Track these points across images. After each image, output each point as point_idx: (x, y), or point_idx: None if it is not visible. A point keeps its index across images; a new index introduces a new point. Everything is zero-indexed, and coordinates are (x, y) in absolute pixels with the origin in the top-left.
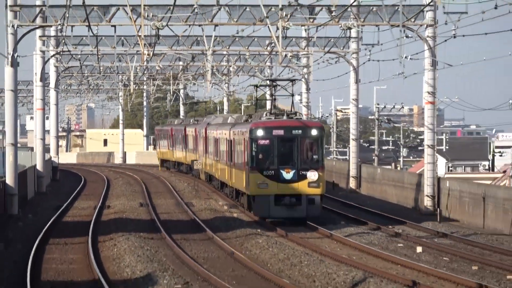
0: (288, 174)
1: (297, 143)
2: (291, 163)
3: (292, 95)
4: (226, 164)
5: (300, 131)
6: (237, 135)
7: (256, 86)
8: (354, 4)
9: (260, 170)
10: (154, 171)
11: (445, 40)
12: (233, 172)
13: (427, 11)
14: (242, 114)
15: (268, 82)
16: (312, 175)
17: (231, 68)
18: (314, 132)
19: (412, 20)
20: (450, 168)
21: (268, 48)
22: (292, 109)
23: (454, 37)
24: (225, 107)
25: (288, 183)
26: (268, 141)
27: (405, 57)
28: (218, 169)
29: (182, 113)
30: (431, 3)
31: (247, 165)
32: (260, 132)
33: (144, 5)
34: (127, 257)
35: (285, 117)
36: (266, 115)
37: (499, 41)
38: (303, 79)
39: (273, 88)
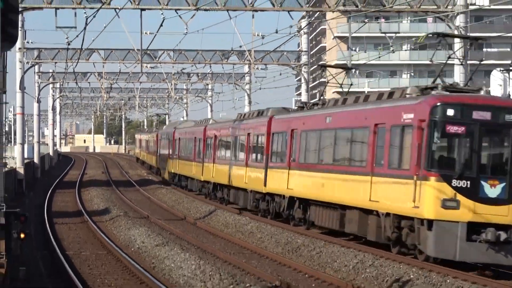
0: (493, 190)
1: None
2: (500, 171)
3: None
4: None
5: None
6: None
7: (442, 35)
8: (210, 72)
9: (446, 178)
10: (109, 156)
11: (255, 91)
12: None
13: (246, 76)
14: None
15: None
16: None
17: (148, 104)
18: None
19: (239, 80)
20: None
21: (167, 94)
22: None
23: (260, 89)
24: (145, 125)
25: (493, 204)
26: (463, 128)
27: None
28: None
29: (123, 127)
30: (248, 72)
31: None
32: (450, 112)
33: (105, 72)
34: (95, 199)
35: (483, 92)
36: (437, 88)
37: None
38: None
39: (446, 44)
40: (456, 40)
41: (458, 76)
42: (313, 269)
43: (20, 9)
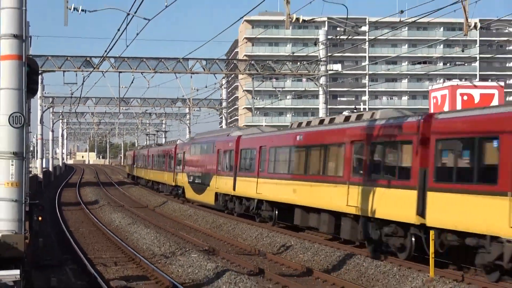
0: None
1: None
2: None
3: None
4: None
5: None
6: None
7: None
8: (164, 112)
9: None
10: (99, 166)
11: (193, 125)
12: None
13: (187, 115)
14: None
15: None
16: None
17: (124, 133)
18: None
19: (183, 117)
20: None
21: (136, 126)
22: None
23: (196, 123)
24: (122, 149)
25: None
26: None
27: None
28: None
29: (108, 147)
30: (188, 112)
31: None
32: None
33: (95, 112)
34: (89, 194)
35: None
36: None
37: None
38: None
39: None
40: (320, 92)
41: (321, 115)
42: (229, 238)
43: (40, 72)
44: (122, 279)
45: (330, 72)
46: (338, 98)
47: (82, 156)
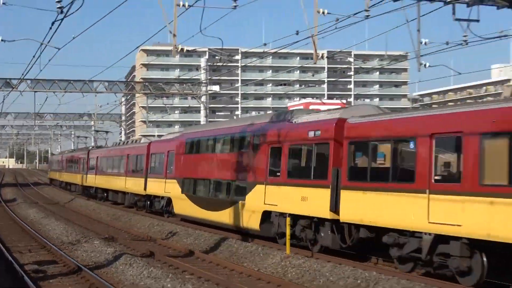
0: None
1: None
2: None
3: None
4: None
5: None
6: None
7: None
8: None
9: None
10: (18, 170)
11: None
12: None
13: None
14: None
15: None
16: None
17: (39, 142)
18: None
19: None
20: None
21: (50, 137)
22: None
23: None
24: (37, 155)
25: None
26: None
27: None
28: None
29: (25, 155)
30: (93, 125)
31: None
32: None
33: (14, 125)
34: (8, 193)
35: None
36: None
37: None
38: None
39: None
40: (202, 108)
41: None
42: (126, 227)
43: None
44: (35, 263)
45: (210, 92)
46: (217, 113)
47: (3, 162)
